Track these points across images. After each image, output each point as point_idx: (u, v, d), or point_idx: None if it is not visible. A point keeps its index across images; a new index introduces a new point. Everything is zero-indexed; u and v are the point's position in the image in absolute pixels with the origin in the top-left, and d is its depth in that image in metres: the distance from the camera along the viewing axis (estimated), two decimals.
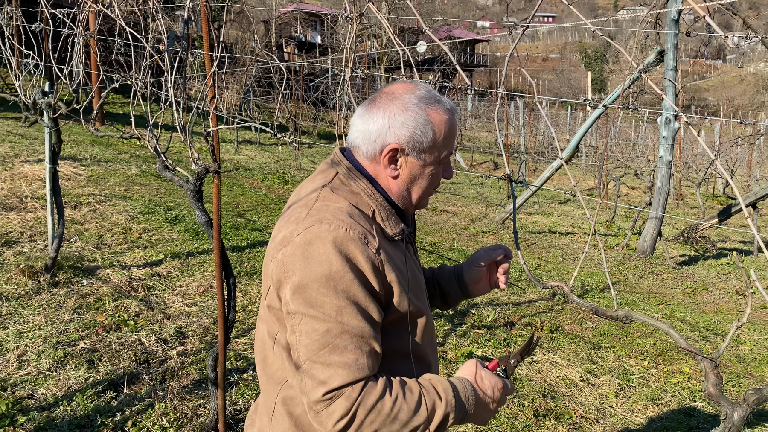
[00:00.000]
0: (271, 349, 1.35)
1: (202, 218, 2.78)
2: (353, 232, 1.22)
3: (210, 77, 2.59)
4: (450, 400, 1.26)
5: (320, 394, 1.17)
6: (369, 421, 1.18)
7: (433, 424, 1.24)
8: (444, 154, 1.36)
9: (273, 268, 1.26)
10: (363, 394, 1.18)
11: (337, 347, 1.18)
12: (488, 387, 1.34)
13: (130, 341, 3.72)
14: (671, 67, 7.52)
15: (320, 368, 1.18)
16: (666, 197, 7.92)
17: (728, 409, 1.38)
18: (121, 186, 7.76)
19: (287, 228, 1.28)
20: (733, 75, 68.76)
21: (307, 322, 1.19)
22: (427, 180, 1.36)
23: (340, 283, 1.19)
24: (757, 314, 6.17)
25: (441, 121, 1.33)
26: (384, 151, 1.32)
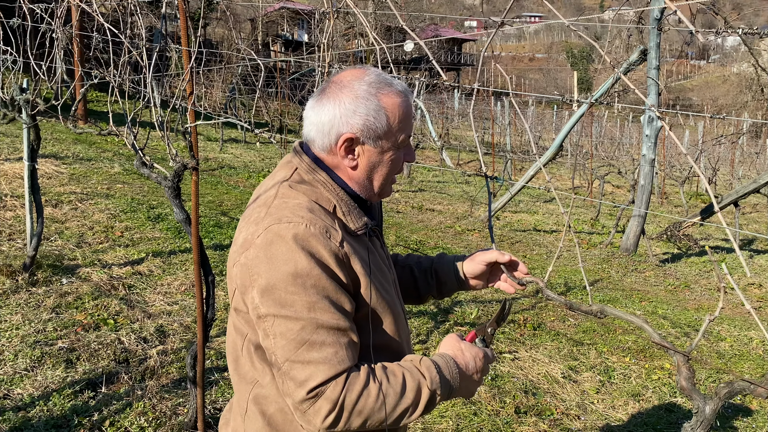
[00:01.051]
0: (241, 348, 1.33)
1: (180, 215, 2.76)
2: (314, 228, 1.20)
3: (188, 73, 2.56)
4: (434, 377, 1.25)
5: (304, 394, 1.15)
6: (357, 411, 1.17)
7: (421, 404, 1.23)
8: (402, 138, 1.32)
9: (237, 272, 1.24)
10: (347, 387, 1.16)
11: (314, 344, 1.16)
12: (470, 358, 1.34)
13: (110, 340, 3.68)
14: (654, 66, 7.57)
15: (300, 367, 1.16)
16: (649, 195, 7.98)
17: (700, 403, 1.38)
18: (103, 184, 7.69)
19: (247, 229, 1.25)
20: (716, 75, 69.48)
21: (280, 323, 1.17)
22: (387, 166, 1.33)
23: (308, 279, 1.17)
24: (738, 311, 6.23)
25: (394, 105, 1.29)
26: (339, 141, 1.28)
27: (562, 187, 16.48)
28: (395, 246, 6.96)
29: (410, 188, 12.43)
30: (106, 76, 3.24)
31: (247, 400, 1.32)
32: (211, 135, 15.32)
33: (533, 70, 71.29)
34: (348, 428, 1.18)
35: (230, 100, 16.31)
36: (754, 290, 7.07)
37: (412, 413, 1.23)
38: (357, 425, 1.18)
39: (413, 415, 1.23)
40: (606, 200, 14.13)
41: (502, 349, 4.31)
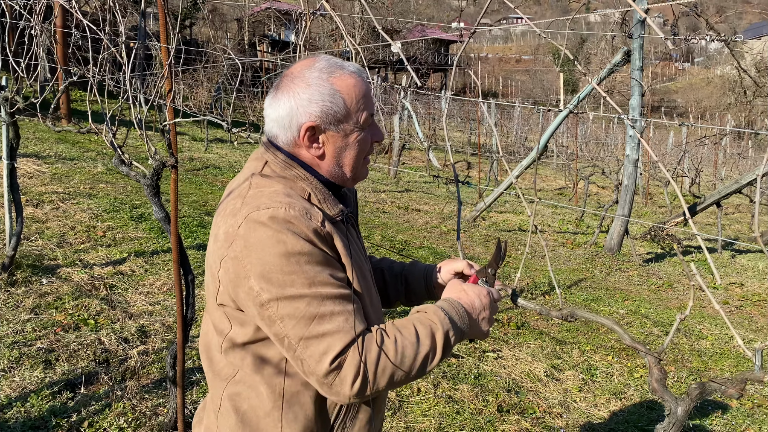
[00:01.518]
0: (218, 346, 1.31)
1: (160, 213, 2.73)
2: (293, 210, 1.19)
3: (166, 70, 2.54)
4: (443, 319, 1.27)
5: (326, 366, 1.14)
6: (380, 370, 1.17)
7: (439, 349, 1.24)
8: (364, 117, 1.31)
9: (228, 266, 1.21)
10: (365, 349, 1.17)
11: (324, 316, 1.16)
12: (474, 297, 1.36)
13: (90, 341, 3.64)
14: (637, 67, 7.63)
15: (316, 342, 1.15)
16: (632, 195, 8.04)
17: (672, 404, 1.38)
18: (86, 184, 7.61)
19: (226, 223, 1.24)
20: (700, 77, 70.14)
21: (285, 305, 1.16)
22: (355, 149, 1.32)
23: (301, 257, 1.17)
24: None
25: (348, 86, 1.28)
26: (301, 132, 1.28)
27: (548, 188, 16.57)
28: (381, 246, 6.96)
29: (397, 188, 12.43)
30: (86, 74, 3.21)
31: (221, 397, 1.31)
32: (197, 135, 15.23)
33: (520, 72, 71.56)
34: (376, 389, 1.19)
35: (215, 99, 16.23)
36: (736, 289, 7.14)
37: (434, 358, 1.24)
38: (384, 384, 1.19)
39: (435, 359, 1.25)
40: (591, 201, 14.22)
41: (485, 348, 4.32)
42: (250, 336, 1.26)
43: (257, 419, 1.27)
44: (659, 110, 45.25)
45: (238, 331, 1.27)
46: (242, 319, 1.25)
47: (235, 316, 1.26)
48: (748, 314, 6.22)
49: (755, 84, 20.70)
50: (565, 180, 17.81)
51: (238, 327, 1.27)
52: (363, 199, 10.53)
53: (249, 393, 1.27)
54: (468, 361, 4.06)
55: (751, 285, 7.28)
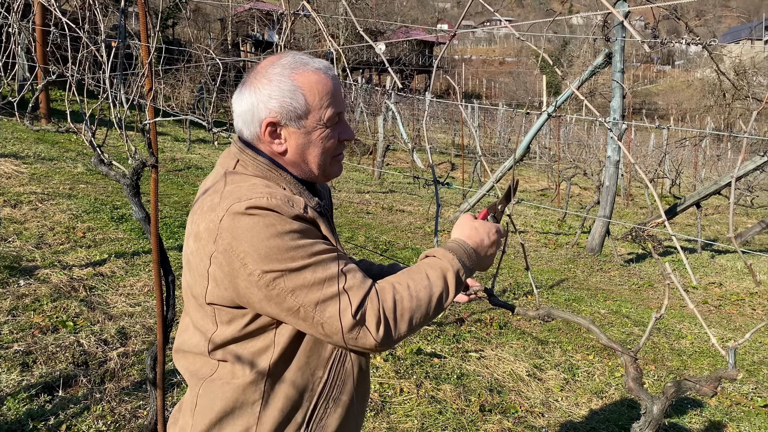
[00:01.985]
0: (198, 347, 1.30)
1: (140, 214, 2.70)
2: (275, 199, 1.19)
3: (146, 69, 2.52)
4: (453, 260, 1.31)
5: (349, 322, 1.17)
6: (399, 314, 1.21)
7: (451, 287, 1.28)
8: (329, 115, 1.30)
9: (220, 262, 1.19)
10: (381, 299, 1.20)
11: (332, 277, 1.18)
12: (484, 235, 1.41)
13: (69, 343, 3.59)
14: (618, 69, 7.70)
15: (332, 302, 1.17)
16: (614, 196, 8.11)
17: (648, 403, 1.39)
18: (65, 184, 7.52)
19: (205, 219, 1.22)
20: (681, 80, 71.00)
21: (291, 278, 1.16)
22: (318, 146, 1.31)
23: (293, 234, 1.18)
24: (698, 309, 6.37)
25: (310, 82, 1.28)
26: (262, 128, 1.29)
27: (531, 189, 16.66)
28: (364, 247, 6.95)
29: (381, 189, 12.43)
30: (65, 73, 3.17)
31: (197, 395, 1.30)
32: (179, 135, 15.12)
33: (503, 74, 71.97)
34: (398, 335, 1.22)
35: (198, 100, 16.12)
36: (715, 289, 7.23)
37: (447, 296, 1.28)
38: (405, 328, 1.22)
39: (449, 298, 1.29)
40: (573, 202, 14.34)
41: (468, 348, 4.33)
42: (236, 332, 1.25)
43: (232, 417, 1.27)
44: (641, 112, 45.71)
45: (225, 330, 1.26)
46: (232, 315, 1.24)
47: (224, 312, 1.24)
48: (726, 313, 6.31)
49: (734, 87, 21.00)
50: (547, 181, 17.94)
51: (225, 326, 1.25)
52: (347, 199, 10.52)
53: (225, 389, 1.26)
54: (451, 362, 4.07)
55: (730, 285, 7.38)
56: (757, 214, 14.91)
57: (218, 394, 1.27)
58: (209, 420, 1.28)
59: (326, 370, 1.30)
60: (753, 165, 8.33)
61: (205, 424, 1.28)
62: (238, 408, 1.26)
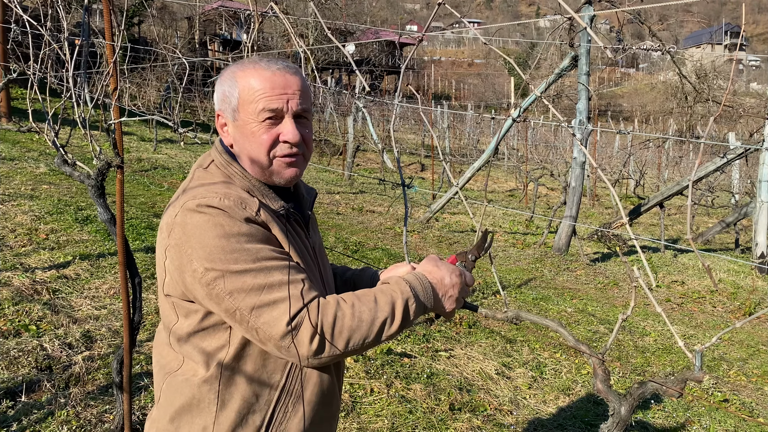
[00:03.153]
0: (166, 339, 1.33)
1: (105, 215, 2.66)
2: (227, 200, 1.22)
3: (111, 68, 2.48)
4: (405, 289, 1.29)
5: (282, 329, 1.16)
6: (338, 331, 1.19)
7: (398, 317, 1.25)
8: (260, 110, 1.29)
9: (171, 255, 1.23)
10: (321, 312, 1.19)
11: (273, 286, 1.17)
12: (445, 273, 1.37)
13: (31, 347, 3.51)
14: (584, 72, 7.84)
15: (268, 309, 1.16)
16: (580, 196, 8.25)
17: (616, 404, 1.42)
18: (27, 185, 7.34)
19: (167, 214, 1.28)
20: (645, 83, 72.55)
21: (232, 280, 1.17)
22: (253, 140, 1.30)
23: (240, 237, 1.19)
24: (661, 307, 6.51)
25: (247, 77, 1.31)
26: (217, 120, 1.40)
27: (499, 189, 16.84)
28: (334, 248, 6.94)
29: (351, 190, 12.43)
30: (26, 71, 3.10)
31: (161, 389, 1.33)
32: (145, 135, 14.88)
33: (472, 75, 72.56)
34: (333, 352, 1.20)
35: (165, 99, 15.89)
36: (677, 287, 7.41)
37: (391, 324, 1.25)
38: (341, 347, 1.20)
39: (393, 326, 1.25)
40: (540, 202, 14.54)
41: (438, 348, 4.36)
42: (194, 327, 1.27)
43: (191, 410, 1.27)
44: (606, 114, 46.57)
45: (183, 323, 1.28)
46: (187, 309, 1.27)
47: (181, 306, 1.27)
48: (688, 311, 6.47)
49: (695, 90, 21.54)
50: (515, 182, 18.15)
51: (183, 318, 1.28)
52: (317, 200, 10.48)
53: (184, 385, 1.28)
54: (421, 361, 4.10)
55: (692, 283, 7.57)
56: (718, 214, 15.32)
57: (178, 389, 1.29)
58: (169, 415, 1.30)
59: (284, 375, 1.30)
60: (713, 166, 8.56)
61: (165, 419, 1.30)
62: (195, 406, 1.27)
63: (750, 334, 5.84)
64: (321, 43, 23.88)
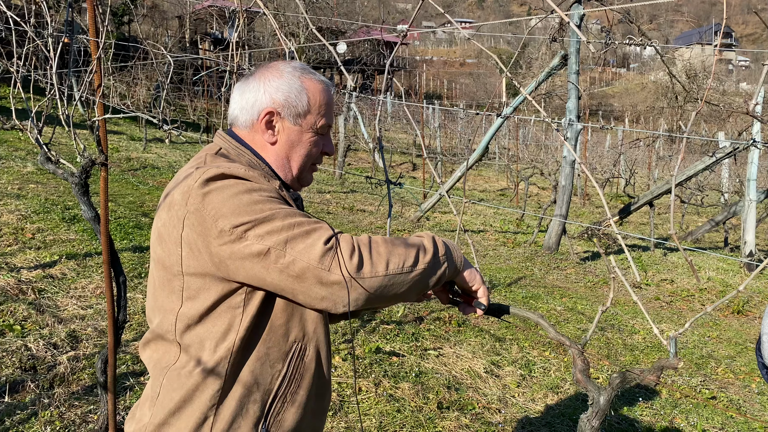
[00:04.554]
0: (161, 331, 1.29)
1: (89, 213, 2.64)
2: (252, 171, 1.25)
3: (95, 64, 2.45)
4: (426, 232, 1.32)
5: (320, 248, 1.14)
6: (375, 253, 1.19)
7: (428, 246, 1.27)
8: (321, 123, 1.39)
9: (192, 223, 1.19)
10: (354, 237, 1.20)
11: (302, 222, 1.18)
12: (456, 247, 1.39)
13: (16, 347, 3.48)
14: (574, 71, 7.86)
15: (302, 239, 1.15)
16: (570, 195, 8.27)
17: (595, 393, 1.43)
18: (14, 184, 7.29)
19: (180, 188, 1.24)
20: (636, 83, 72.85)
21: (261, 226, 1.16)
22: (306, 148, 1.38)
23: (263, 192, 1.21)
24: (651, 305, 6.55)
25: (316, 89, 1.37)
26: (261, 115, 1.35)
27: (490, 188, 16.87)
28: None
29: (342, 189, 12.41)
30: (10, 68, 3.07)
31: (161, 385, 1.28)
32: (135, 134, 14.80)
33: (464, 75, 72.64)
34: (376, 273, 1.17)
35: (155, 98, 15.81)
36: (667, 286, 7.44)
37: (425, 253, 1.25)
38: (383, 267, 1.18)
39: (426, 255, 1.25)
40: (531, 201, 14.57)
41: (427, 346, 4.35)
42: (201, 310, 1.23)
43: (192, 402, 1.25)
44: (597, 113, 46.74)
45: (189, 307, 1.25)
46: (197, 288, 1.23)
47: (194, 286, 1.23)
48: (677, 309, 6.50)
49: (685, 90, 21.67)
50: (506, 181, 18.19)
51: (190, 302, 1.25)
52: (308, 199, 10.47)
53: (185, 377, 1.25)
54: (409, 359, 4.09)
55: (681, 281, 7.60)
56: (707, 212, 15.42)
57: (179, 382, 1.26)
58: (167, 410, 1.26)
59: (285, 364, 1.29)
60: (702, 165, 8.61)
61: (163, 414, 1.26)
62: (196, 397, 1.24)
63: (738, 331, 5.87)
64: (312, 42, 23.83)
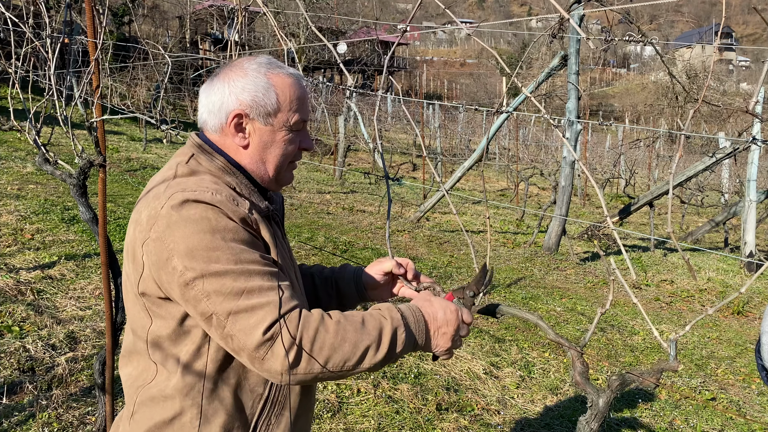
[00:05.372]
0: (136, 347, 1.26)
1: (87, 214, 2.63)
2: (220, 195, 1.16)
3: (93, 65, 2.45)
4: (395, 317, 1.21)
5: (259, 337, 1.09)
6: (317, 348, 1.11)
7: (384, 343, 1.17)
8: (295, 120, 1.30)
9: (150, 249, 1.16)
10: (302, 323, 1.12)
11: (253, 291, 1.11)
12: (438, 309, 1.29)
13: (14, 348, 3.47)
14: (574, 71, 7.85)
15: (245, 316, 1.10)
16: (570, 196, 8.26)
17: (594, 396, 1.42)
18: (13, 185, 7.28)
19: (148, 207, 1.19)
20: (636, 83, 72.85)
21: (211, 281, 1.11)
22: (281, 148, 1.31)
23: (226, 233, 1.13)
24: (651, 306, 6.54)
25: (284, 84, 1.29)
26: (228, 118, 1.27)
27: (490, 189, 16.86)
28: (323, 248, 6.92)
29: (341, 190, 12.40)
30: (8, 68, 3.06)
31: (134, 402, 1.25)
32: (135, 135, 14.80)
33: (464, 75, 72.67)
34: (310, 370, 1.12)
35: (155, 98, 15.81)
36: (667, 286, 7.44)
37: (377, 351, 1.17)
38: (319, 366, 1.12)
39: (377, 354, 1.17)
40: (531, 202, 14.56)
41: None
42: (170, 329, 1.20)
43: (173, 425, 1.22)
44: (597, 114, 46.73)
45: (158, 325, 1.22)
46: (164, 309, 1.20)
47: (155, 308, 1.20)
48: (677, 310, 6.49)
49: (685, 90, 21.69)
50: (506, 181, 18.19)
51: (158, 320, 1.21)
52: (307, 200, 10.46)
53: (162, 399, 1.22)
54: (408, 361, 4.08)
55: (681, 282, 7.60)
56: (707, 213, 15.41)
57: (157, 403, 1.23)
58: (148, 427, 1.23)
59: (267, 385, 1.26)
60: (702, 166, 8.60)
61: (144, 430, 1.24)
62: (176, 420, 1.21)
63: (738, 332, 5.86)
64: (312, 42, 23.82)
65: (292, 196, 10.53)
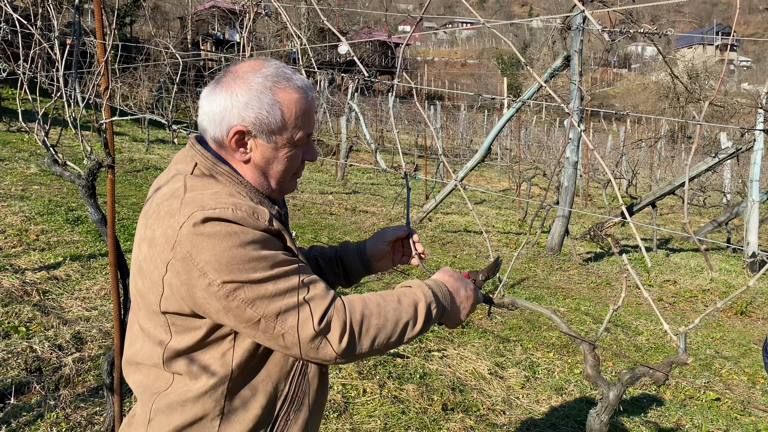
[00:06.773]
0: (152, 357, 1.25)
1: (96, 215, 2.64)
2: (240, 211, 1.15)
3: (102, 67, 2.46)
4: (427, 293, 1.30)
5: (313, 329, 1.14)
6: (365, 328, 1.19)
7: (420, 318, 1.26)
8: (299, 136, 1.27)
9: (177, 270, 1.14)
10: (348, 309, 1.19)
11: (294, 290, 1.15)
12: (460, 285, 1.40)
13: (21, 349, 3.48)
14: (576, 72, 7.86)
15: (294, 312, 1.14)
16: (572, 196, 8.27)
17: (605, 389, 1.44)
18: (18, 185, 7.30)
19: (162, 225, 1.17)
20: (637, 83, 72.82)
21: (253, 289, 1.12)
22: (283, 163, 1.28)
23: (256, 244, 1.14)
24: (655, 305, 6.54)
25: (290, 101, 1.24)
26: (230, 133, 1.23)
27: (492, 189, 16.86)
28: None
29: (344, 190, 12.41)
30: (16, 70, 3.07)
31: (150, 410, 1.25)
32: (138, 135, 14.82)
33: (465, 75, 72.67)
34: (360, 350, 1.19)
35: (157, 99, 15.83)
36: (670, 286, 7.44)
37: (414, 327, 1.26)
38: (367, 345, 1.20)
39: (415, 328, 1.26)
40: (533, 202, 14.56)
41: (431, 348, 4.36)
42: (193, 342, 1.20)
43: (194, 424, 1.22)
44: (599, 114, 46.70)
45: (179, 340, 1.21)
46: (188, 325, 1.19)
47: (179, 323, 1.20)
48: (680, 310, 6.50)
49: (686, 90, 21.68)
50: (508, 182, 18.19)
51: (179, 336, 1.21)
52: (310, 200, 10.47)
53: (182, 403, 1.22)
54: (414, 361, 4.09)
55: (684, 282, 7.60)
56: (710, 213, 15.40)
57: (176, 409, 1.22)
58: None
59: (288, 383, 1.27)
60: (705, 166, 8.60)
61: None
62: (197, 423, 1.22)
63: (742, 333, 5.87)
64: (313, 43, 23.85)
65: (295, 196, 10.54)
